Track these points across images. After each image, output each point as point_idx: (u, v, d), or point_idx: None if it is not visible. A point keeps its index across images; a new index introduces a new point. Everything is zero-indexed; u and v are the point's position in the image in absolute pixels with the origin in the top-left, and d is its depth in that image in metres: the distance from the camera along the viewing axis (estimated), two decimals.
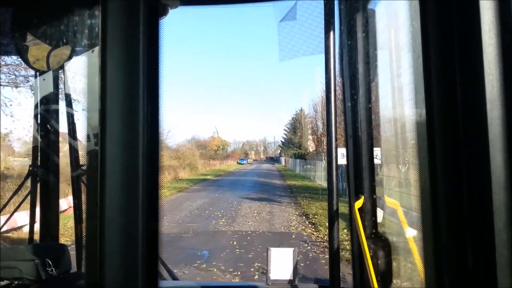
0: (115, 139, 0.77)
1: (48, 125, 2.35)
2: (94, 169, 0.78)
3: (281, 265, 2.08)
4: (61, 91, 2.41)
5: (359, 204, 1.70)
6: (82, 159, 2.34)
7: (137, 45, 0.78)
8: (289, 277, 2.07)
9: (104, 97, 0.77)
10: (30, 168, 2.36)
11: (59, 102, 2.39)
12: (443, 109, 0.77)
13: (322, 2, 1.90)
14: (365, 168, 1.74)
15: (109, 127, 0.77)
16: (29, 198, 2.39)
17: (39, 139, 2.35)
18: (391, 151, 2.42)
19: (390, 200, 1.99)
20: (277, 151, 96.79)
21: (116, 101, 0.77)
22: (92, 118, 0.83)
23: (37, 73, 2.32)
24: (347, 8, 1.77)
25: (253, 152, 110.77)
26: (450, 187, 0.75)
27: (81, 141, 2.38)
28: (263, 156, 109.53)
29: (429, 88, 0.78)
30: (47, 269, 1.83)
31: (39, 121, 2.34)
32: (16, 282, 1.77)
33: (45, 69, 2.22)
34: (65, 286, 1.90)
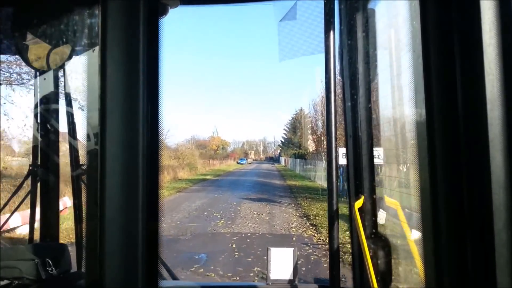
0: (115, 139, 0.77)
1: (48, 125, 2.35)
2: (94, 169, 0.78)
3: (281, 265, 2.09)
4: (61, 91, 2.41)
5: (359, 204, 1.70)
6: (82, 159, 2.34)
7: (137, 45, 0.78)
8: (289, 277, 2.07)
9: (104, 97, 0.77)
10: (30, 168, 2.36)
11: (59, 102, 2.39)
12: (443, 109, 0.77)
13: (322, 2, 1.90)
14: (365, 168, 1.74)
15: (109, 127, 0.77)
16: (29, 198, 2.39)
17: (39, 138, 2.35)
18: (393, 150, 2.42)
19: (390, 200, 1.99)
20: (276, 151, 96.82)
21: (116, 101, 0.77)
22: (92, 117, 0.83)
23: (37, 72, 2.32)
24: (347, 8, 1.77)
25: (252, 152, 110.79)
26: (450, 187, 0.75)
27: (81, 141, 2.38)
28: (262, 156, 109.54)
29: (429, 88, 0.78)
30: (47, 268, 1.83)
31: (39, 120, 2.34)
32: (16, 282, 1.77)
33: (45, 68, 2.22)
34: (65, 286, 1.90)
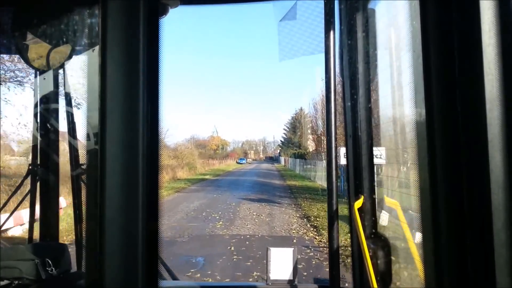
0: (115, 139, 0.77)
1: (47, 124, 2.35)
2: (94, 169, 0.78)
3: (281, 265, 2.09)
4: (61, 90, 2.41)
5: (359, 204, 1.70)
6: (82, 159, 2.34)
7: (137, 45, 0.78)
8: (289, 277, 2.07)
9: (104, 97, 0.77)
10: (30, 167, 2.36)
11: (59, 101, 2.39)
12: (443, 109, 0.77)
13: (322, 1, 1.90)
14: (364, 168, 1.74)
15: (109, 127, 0.77)
16: (28, 197, 2.39)
17: (38, 138, 2.35)
18: (395, 150, 2.41)
19: (390, 200, 1.99)
20: (276, 150, 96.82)
21: (116, 101, 0.77)
22: (92, 117, 0.83)
23: (37, 72, 2.32)
24: (347, 7, 1.77)
25: (252, 151, 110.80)
26: (450, 187, 0.75)
27: (80, 141, 2.38)
28: (262, 156, 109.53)
29: (429, 88, 0.78)
30: (47, 268, 1.83)
31: (38, 120, 2.34)
32: (16, 282, 1.77)
33: (45, 68, 2.22)
34: (65, 286, 1.90)
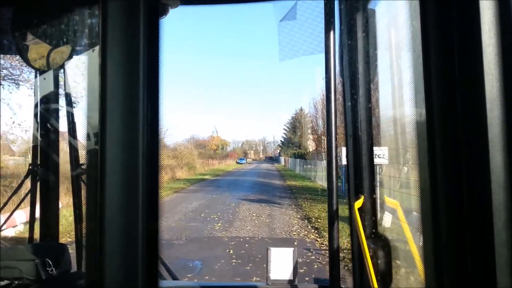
0: (115, 139, 0.77)
1: (48, 124, 2.35)
2: (94, 169, 0.78)
3: (281, 265, 2.09)
4: (61, 91, 2.41)
5: (359, 204, 1.70)
6: (82, 159, 2.34)
7: (137, 45, 0.78)
8: (289, 277, 2.07)
9: (104, 97, 0.77)
10: (30, 167, 2.36)
11: (59, 101, 2.39)
12: (443, 109, 0.77)
13: (322, 1, 1.90)
14: (365, 168, 1.74)
15: (109, 127, 0.77)
16: (29, 197, 2.39)
17: (39, 138, 2.35)
18: (395, 150, 2.41)
19: (390, 200, 1.99)
20: (276, 150, 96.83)
21: (116, 101, 0.77)
22: (92, 117, 0.83)
23: (37, 72, 2.32)
24: (347, 8, 1.77)
25: (252, 151, 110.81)
26: (450, 187, 0.75)
27: (80, 141, 2.38)
28: (262, 156, 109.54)
29: (429, 88, 0.78)
30: (47, 269, 1.83)
31: (39, 120, 2.34)
32: (16, 282, 1.77)
33: (45, 68, 2.22)
34: (65, 286, 1.90)
